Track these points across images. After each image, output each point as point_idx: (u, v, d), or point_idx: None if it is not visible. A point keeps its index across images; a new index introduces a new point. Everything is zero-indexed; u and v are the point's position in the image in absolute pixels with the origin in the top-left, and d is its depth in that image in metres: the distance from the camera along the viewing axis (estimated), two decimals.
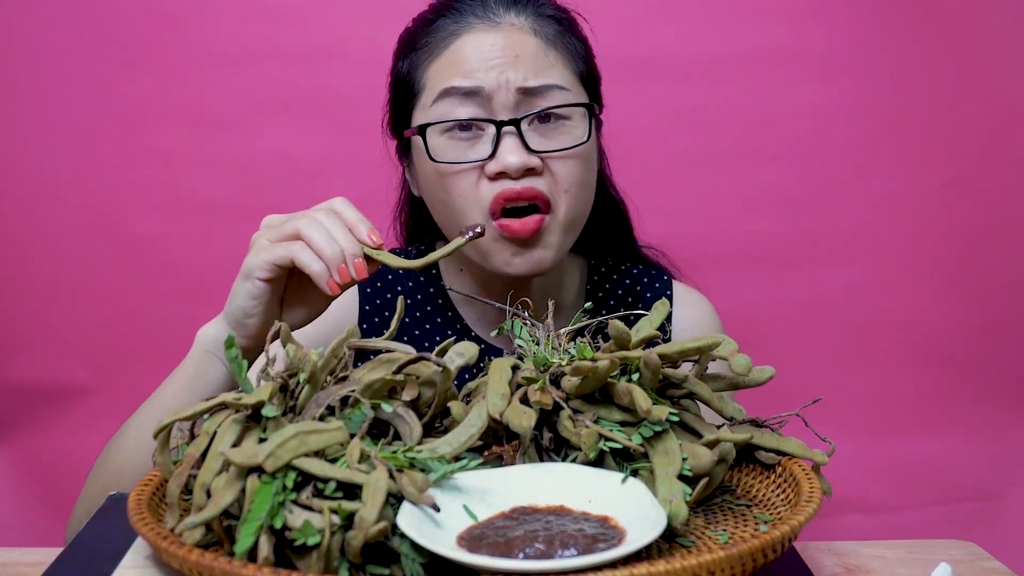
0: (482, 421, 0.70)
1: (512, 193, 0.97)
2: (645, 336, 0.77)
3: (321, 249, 0.85)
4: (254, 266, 0.87)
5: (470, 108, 0.98)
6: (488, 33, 1.00)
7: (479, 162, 0.98)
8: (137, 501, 0.69)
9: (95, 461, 1.00)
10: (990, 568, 0.73)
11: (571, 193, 1.00)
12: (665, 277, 1.20)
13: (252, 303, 0.88)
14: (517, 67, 0.98)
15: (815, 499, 0.69)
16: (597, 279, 1.19)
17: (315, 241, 0.85)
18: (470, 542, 0.62)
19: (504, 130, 0.97)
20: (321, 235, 0.85)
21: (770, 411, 0.81)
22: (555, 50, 1.02)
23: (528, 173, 0.98)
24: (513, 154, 0.96)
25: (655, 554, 0.65)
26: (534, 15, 1.03)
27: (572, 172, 1.00)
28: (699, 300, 1.21)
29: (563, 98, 1.00)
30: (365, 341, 0.77)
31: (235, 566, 0.58)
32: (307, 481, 0.63)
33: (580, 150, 1.00)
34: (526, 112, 0.98)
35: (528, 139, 0.98)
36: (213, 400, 0.70)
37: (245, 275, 0.88)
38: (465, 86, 0.98)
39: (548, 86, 0.99)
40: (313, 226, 0.86)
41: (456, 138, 0.99)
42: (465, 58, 0.99)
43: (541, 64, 1.00)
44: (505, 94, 0.98)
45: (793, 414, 0.80)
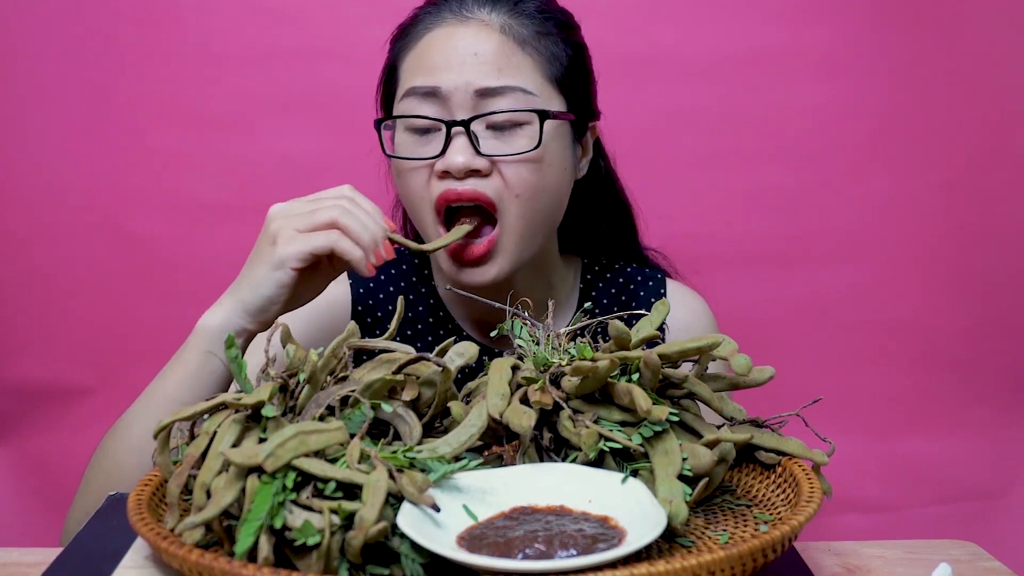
0: (482, 421, 0.70)
1: (454, 195, 0.98)
2: (645, 336, 0.77)
3: (359, 236, 0.90)
4: (290, 255, 0.90)
5: (429, 107, 0.99)
6: (456, 28, 1.00)
7: (430, 159, 0.99)
8: (137, 501, 0.69)
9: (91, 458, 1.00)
10: (990, 568, 0.73)
11: (523, 198, 0.99)
12: (659, 275, 1.20)
13: (281, 291, 0.91)
14: (478, 67, 0.98)
15: (815, 499, 0.69)
16: (591, 278, 1.19)
17: (352, 229, 0.90)
18: (470, 542, 0.62)
19: (454, 130, 0.97)
20: (356, 222, 0.90)
21: (770, 411, 0.81)
22: (524, 51, 1.00)
23: (473, 175, 0.98)
24: (460, 154, 0.97)
25: (655, 554, 0.65)
26: (509, 12, 1.01)
27: (523, 178, 0.99)
28: (693, 298, 1.21)
29: (523, 102, 0.98)
30: (365, 341, 0.77)
31: (235, 566, 0.58)
32: (307, 481, 0.63)
33: (532, 155, 0.98)
34: (481, 113, 0.98)
35: (481, 140, 0.98)
36: (213, 400, 0.70)
37: (277, 264, 0.90)
38: (425, 86, 0.99)
39: (507, 88, 0.98)
40: (350, 216, 0.90)
41: (414, 135, 1.00)
42: (429, 55, 1.00)
43: (504, 64, 0.98)
44: (462, 95, 0.97)
45: (793, 414, 0.80)
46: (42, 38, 1.55)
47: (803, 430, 0.80)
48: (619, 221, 1.21)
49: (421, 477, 0.64)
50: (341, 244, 0.90)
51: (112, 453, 0.96)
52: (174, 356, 0.96)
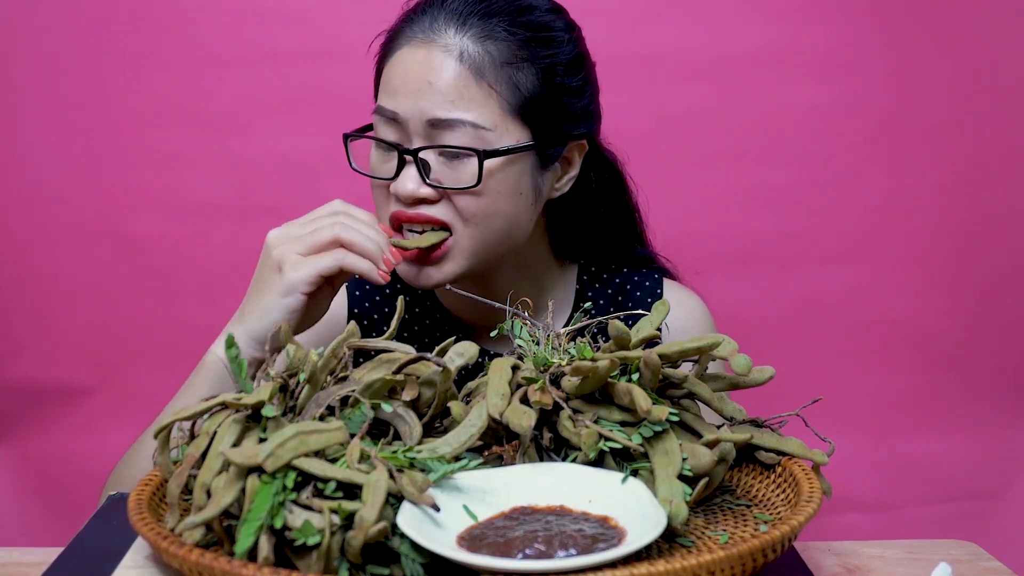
0: (482, 421, 0.70)
1: (404, 216, 1.00)
2: (645, 336, 0.77)
3: (364, 248, 0.92)
4: (299, 280, 0.92)
5: (391, 130, 1.01)
6: (420, 49, 0.99)
7: (386, 180, 1.02)
8: (137, 501, 0.69)
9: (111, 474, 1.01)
10: (990, 568, 0.73)
11: (473, 223, 1.00)
12: (656, 276, 1.19)
13: (291, 317, 0.93)
14: (431, 96, 0.98)
15: (815, 499, 0.69)
16: (587, 279, 1.19)
17: (357, 243, 0.93)
18: (470, 542, 0.62)
19: (407, 157, 0.99)
20: (359, 235, 0.93)
21: (770, 411, 0.81)
22: (480, 83, 0.98)
23: (421, 202, 1.00)
24: (410, 181, 0.99)
25: (655, 554, 0.65)
26: (476, 36, 0.99)
27: (471, 206, 1.00)
28: (690, 298, 1.20)
29: (470, 136, 0.98)
30: (365, 341, 0.77)
31: (235, 566, 0.58)
32: (307, 481, 0.63)
33: (475, 189, 0.99)
34: (432, 143, 0.99)
35: (434, 167, 0.99)
36: (213, 400, 0.70)
37: (286, 291, 0.92)
38: (387, 109, 1.01)
39: (457, 120, 0.97)
40: (351, 231, 0.93)
41: (380, 151, 1.03)
42: (393, 75, 1.01)
43: (456, 96, 0.97)
44: (416, 123, 0.99)
45: (793, 414, 0.80)
46: (42, 38, 1.55)
47: (803, 430, 0.80)
48: (620, 228, 1.20)
49: (421, 477, 0.64)
50: (348, 260, 0.92)
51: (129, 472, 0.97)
52: (185, 385, 0.98)
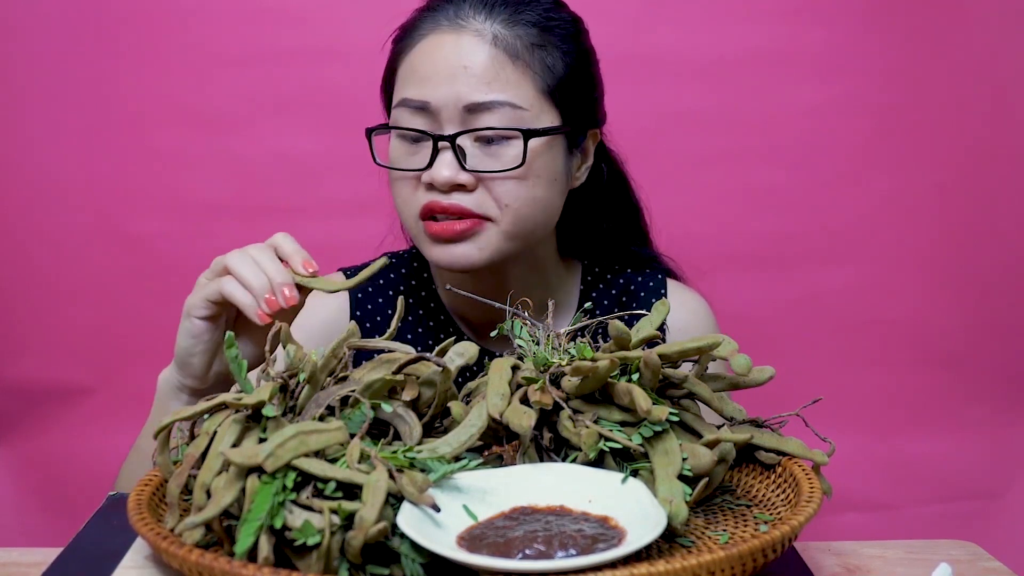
0: (482, 421, 0.70)
1: (438, 207, 0.98)
2: (645, 336, 0.77)
3: (247, 281, 0.85)
4: (191, 305, 0.89)
5: (419, 118, 0.99)
6: (449, 36, 0.99)
7: (418, 171, 0.99)
8: (137, 501, 0.69)
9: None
10: (990, 568, 0.73)
11: (512, 208, 1.00)
12: (659, 276, 1.20)
13: (193, 342, 0.89)
14: (467, 81, 0.97)
15: (815, 499, 0.69)
16: (591, 279, 1.19)
17: (242, 273, 0.86)
18: (470, 542, 0.62)
19: (441, 144, 0.98)
20: (248, 267, 0.86)
21: (770, 411, 0.81)
22: (515, 64, 0.99)
23: (458, 189, 0.98)
24: (446, 168, 0.97)
25: (655, 554, 0.65)
26: (505, 22, 1.00)
27: (510, 191, 0.99)
28: (693, 298, 1.20)
29: (510, 116, 0.98)
30: (365, 341, 0.77)
31: (235, 566, 0.58)
32: (307, 481, 0.63)
33: (517, 172, 0.99)
34: (469, 128, 0.98)
35: (469, 155, 0.98)
36: (213, 400, 0.70)
37: (185, 315, 0.90)
38: (415, 99, 0.99)
39: (496, 102, 0.97)
40: (241, 259, 0.87)
41: (405, 144, 1.01)
42: (421, 64, 1.00)
43: (493, 77, 0.98)
44: (451, 110, 0.98)
45: (793, 414, 0.80)
46: (42, 38, 1.55)
47: (803, 430, 0.80)
48: (625, 225, 1.21)
49: (421, 477, 0.64)
50: (227, 287, 0.86)
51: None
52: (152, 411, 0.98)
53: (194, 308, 0.89)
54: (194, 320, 0.89)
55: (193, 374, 0.91)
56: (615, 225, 1.19)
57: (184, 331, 0.90)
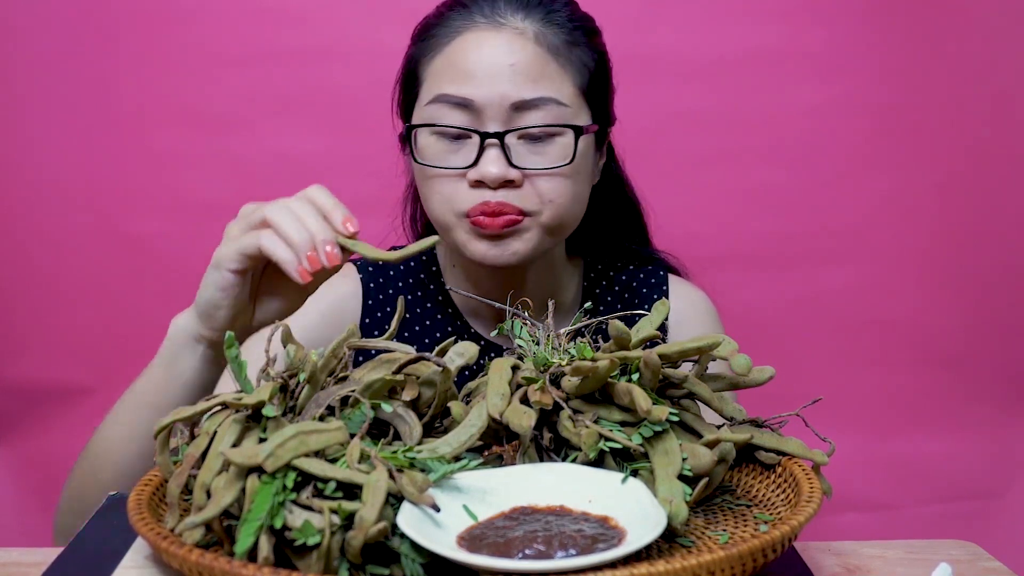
0: (482, 421, 0.70)
1: (488, 209, 0.97)
2: (645, 336, 0.77)
3: (288, 235, 0.80)
4: (223, 256, 0.84)
5: (460, 116, 0.98)
6: (489, 33, 0.99)
7: (462, 169, 0.99)
8: (137, 501, 0.69)
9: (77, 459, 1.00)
10: (990, 568, 0.73)
11: (555, 203, 1.00)
12: (661, 273, 1.20)
13: (220, 295, 0.85)
14: (512, 78, 0.97)
15: (815, 499, 0.69)
16: (594, 276, 1.19)
17: (283, 227, 0.81)
18: (470, 542, 0.62)
19: (488, 141, 0.97)
20: (289, 221, 0.81)
21: (770, 411, 0.81)
22: (557, 61, 1.00)
23: (506, 185, 0.98)
24: (493, 164, 0.97)
25: (655, 554, 0.65)
26: (542, 20, 1.00)
27: (556, 187, 0.99)
28: (694, 293, 1.21)
29: (556, 113, 0.98)
30: (365, 341, 0.77)
31: (235, 566, 0.58)
32: (307, 481, 0.63)
33: (565, 169, 0.99)
34: (515, 126, 0.98)
35: (514, 152, 0.98)
36: (213, 400, 0.70)
37: (215, 265, 0.85)
38: (457, 96, 0.98)
39: (542, 99, 0.98)
40: (282, 212, 0.82)
41: (444, 141, 1.00)
42: (462, 61, 0.99)
43: (538, 75, 0.98)
44: (496, 108, 0.97)
45: (793, 414, 0.80)
46: (42, 38, 1.55)
47: (803, 430, 0.80)
48: (628, 222, 1.21)
49: (421, 477, 0.64)
50: (266, 242, 0.81)
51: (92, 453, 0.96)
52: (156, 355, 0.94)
53: (226, 259, 0.84)
54: (224, 272, 0.84)
55: (216, 327, 0.88)
56: (618, 222, 1.20)
57: (211, 283, 0.85)
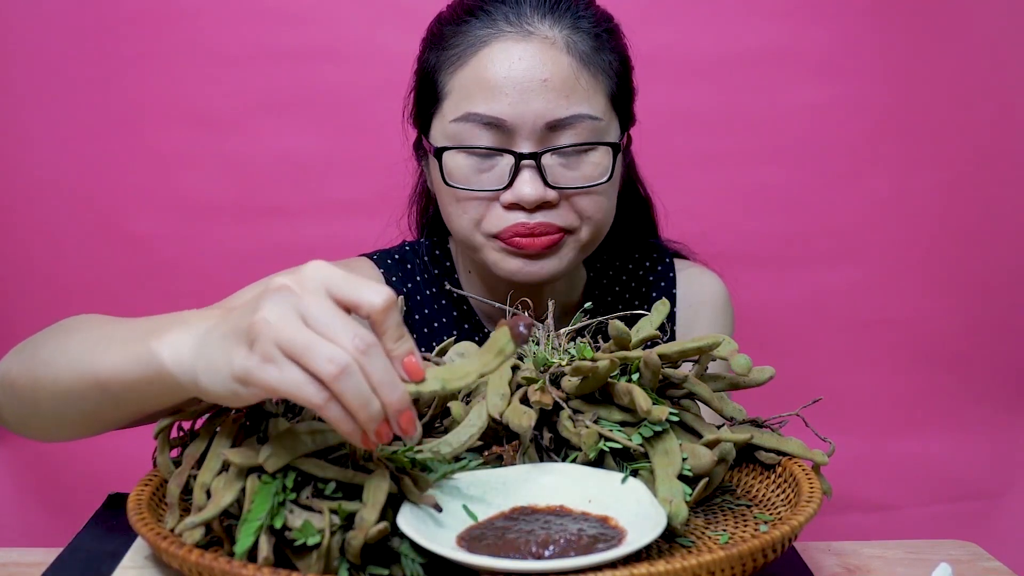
0: (482, 421, 0.70)
1: (524, 229, 0.94)
2: (645, 336, 0.77)
3: (357, 412, 0.60)
4: (255, 380, 0.60)
5: (490, 135, 0.94)
6: (518, 44, 0.94)
7: (495, 191, 0.95)
8: (137, 501, 0.69)
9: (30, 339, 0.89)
10: (990, 568, 0.74)
11: (594, 219, 0.98)
12: (667, 260, 1.19)
13: (227, 399, 0.64)
14: (545, 95, 0.93)
15: (815, 499, 0.69)
16: (601, 266, 1.18)
17: (350, 401, 0.60)
18: (470, 542, 0.62)
19: (524, 163, 0.94)
20: (358, 393, 0.60)
21: (770, 411, 0.81)
22: (587, 71, 0.96)
23: (544, 206, 0.95)
24: (529, 186, 0.93)
25: (655, 554, 0.65)
26: (571, 27, 0.96)
27: (593, 204, 0.97)
28: (702, 274, 1.19)
29: (590, 129, 0.95)
30: None
31: (235, 566, 0.58)
32: (307, 481, 0.63)
33: (601, 186, 0.97)
34: (549, 146, 0.94)
35: (549, 170, 0.95)
36: None
37: (241, 379, 0.61)
38: (488, 115, 0.94)
39: (576, 116, 0.94)
40: (350, 381, 0.59)
41: (473, 159, 0.96)
42: (492, 76, 0.94)
43: (571, 90, 0.94)
44: (531, 128, 0.94)
45: (793, 414, 0.80)
46: (42, 38, 1.55)
47: (803, 430, 0.80)
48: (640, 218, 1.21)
49: (422, 477, 0.64)
50: (329, 413, 0.60)
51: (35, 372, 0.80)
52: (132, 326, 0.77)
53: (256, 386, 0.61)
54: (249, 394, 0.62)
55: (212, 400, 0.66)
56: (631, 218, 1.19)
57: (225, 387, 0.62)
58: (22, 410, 0.81)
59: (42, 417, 0.79)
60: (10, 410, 0.84)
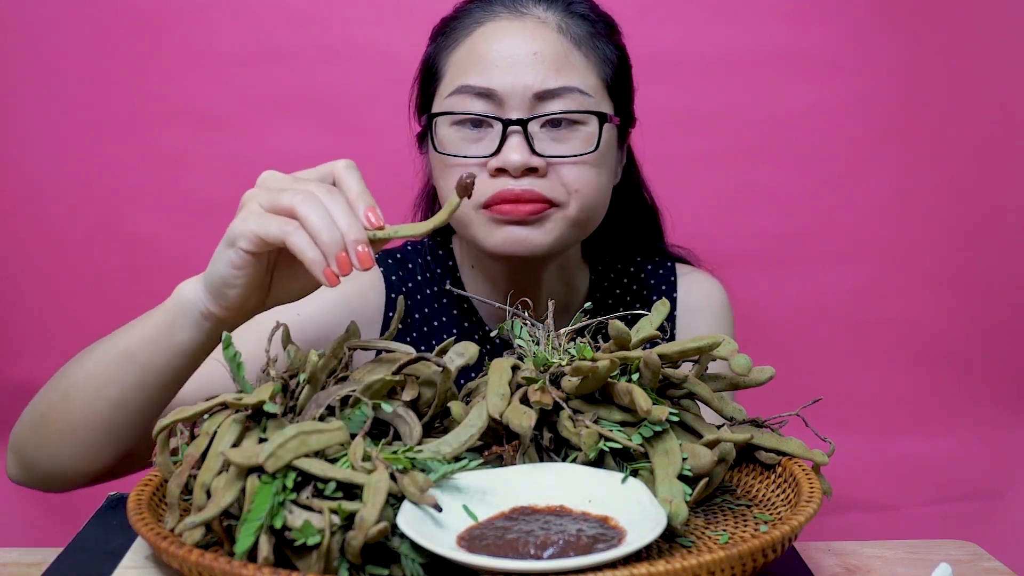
0: (482, 421, 0.70)
1: (511, 195, 0.96)
2: (645, 336, 0.77)
3: (318, 233, 0.72)
4: (239, 234, 0.75)
5: (482, 105, 0.97)
6: (511, 23, 0.99)
7: (483, 158, 0.97)
8: (137, 501, 0.69)
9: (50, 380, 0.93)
10: (990, 568, 0.74)
11: (581, 193, 0.98)
12: (669, 264, 1.19)
13: (233, 272, 0.77)
14: (535, 67, 0.96)
15: (815, 499, 0.69)
16: (602, 269, 1.18)
17: (312, 223, 0.73)
18: (470, 542, 0.62)
19: (511, 129, 0.96)
20: (319, 216, 0.73)
21: (770, 411, 0.81)
22: (579, 51, 0.99)
23: (529, 173, 0.96)
24: (516, 152, 0.95)
25: (655, 554, 0.65)
26: (564, 12, 1.00)
27: (581, 176, 0.98)
28: (704, 280, 1.20)
29: (580, 102, 0.97)
30: (365, 341, 0.77)
31: (235, 566, 0.58)
32: (307, 481, 0.63)
33: (590, 157, 0.98)
34: (538, 114, 0.97)
35: (537, 141, 0.97)
36: (213, 400, 0.70)
37: (229, 242, 0.76)
38: (479, 86, 0.97)
39: (565, 88, 0.97)
40: (312, 205, 0.73)
41: (465, 131, 0.99)
42: (484, 51, 0.98)
43: (562, 64, 0.97)
44: (519, 97, 0.96)
45: (793, 414, 0.80)
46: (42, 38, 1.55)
47: (803, 430, 0.80)
48: (646, 225, 1.21)
49: (422, 477, 0.64)
50: (294, 239, 0.73)
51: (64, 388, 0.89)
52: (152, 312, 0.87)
53: (242, 238, 0.75)
54: (239, 251, 0.76)
55: (227, 305, 0.80)
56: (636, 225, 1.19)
57: (224, 260, 0.77)
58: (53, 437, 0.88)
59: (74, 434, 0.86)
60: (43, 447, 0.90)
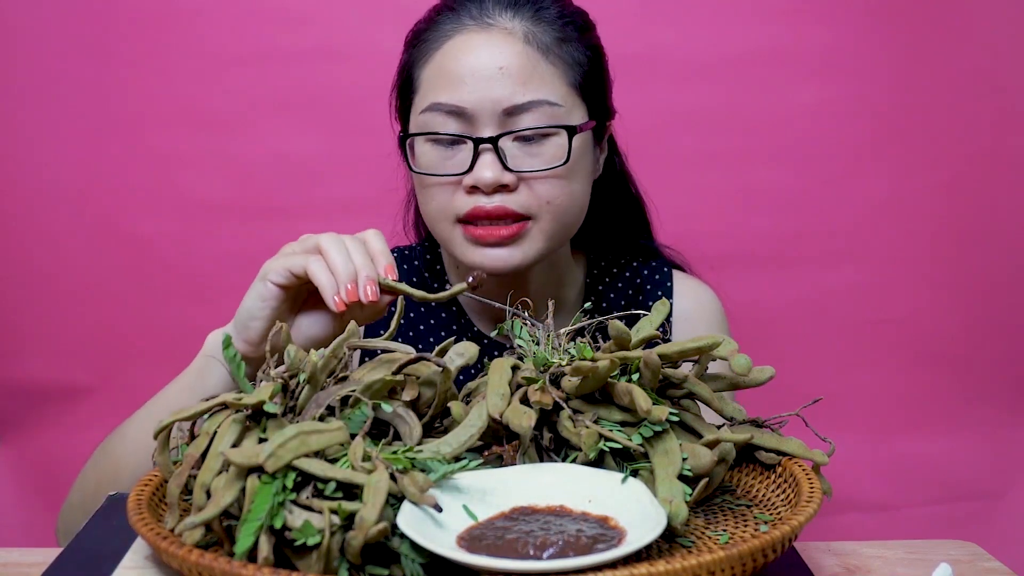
0: (482, 421, 0.70)
1: (482, 212, 0.98)
2: (645, 336, 0.77)
3: (334, 264, 0.85)
4: (270, 268, 0.88)
5: (454, 123, 0.98)
6: (478, 35, 0.99)
7: (456, 176, 0.99)
8: (137, 501, 0.69)
9: (91, 457, 1.00)
10: (990, 568, 0.74)
11: (553, 205, 1.00)
12: (665, 269, 1.20)
13: (260, 305, 0.88)
14: (503, 82, 0.97)
15: (815, 499, 0.69)
16: (597, 272, 1.19)
17: (330, 255, 0.85)
18: (470, 542, 0.62)
19: (482, 147, 0.97)
20: (338, 252, 0.86)
21: (770, 411, 0.81)
22: (548, 60, 0.99)
23: (501, 190, 0.98)
24: (488, 169, 0.97)
25: (655, 554, 0.65)
26: (531, 19, 1.00)
27: (552, 189, 0.99)
28: (700, 288, 1.20)
29: (549, 114, 0.98)
30: (365, 341, 0.77)
31: (235, 566, 0.58)
32: (307, 481, 0.63)
33: (560, 169, 0.99)
34: (508, 129, 0.98)
35: (509, 155, 0.98)
36: (213, 400, 0.70)
37: (261, 277, 0.88)
38: (449, 104, 0.98)
39: (533, 102, 0.97)
40: (334, 243, 0.86)
41: (440, 149, 1.00)
42: (452, 67, 0.99)
43: (529, 76, 0.98)
44: (489, 114, 0.97)
45: (793, 414, 0.80)
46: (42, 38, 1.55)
47: (803, 430, 0.80)
48: (632, 217, 1.21)
49: (422, 477, 0.64)
50: (313, 266, 0.85)
51: (111, 454, 0.96)
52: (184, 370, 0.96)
53: (272, 272, 0.87)
54: (268, 284, 0.87)
55: (249, 339, 0.89)
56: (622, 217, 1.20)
57: (254, 293, 0.88)
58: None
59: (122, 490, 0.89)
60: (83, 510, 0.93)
